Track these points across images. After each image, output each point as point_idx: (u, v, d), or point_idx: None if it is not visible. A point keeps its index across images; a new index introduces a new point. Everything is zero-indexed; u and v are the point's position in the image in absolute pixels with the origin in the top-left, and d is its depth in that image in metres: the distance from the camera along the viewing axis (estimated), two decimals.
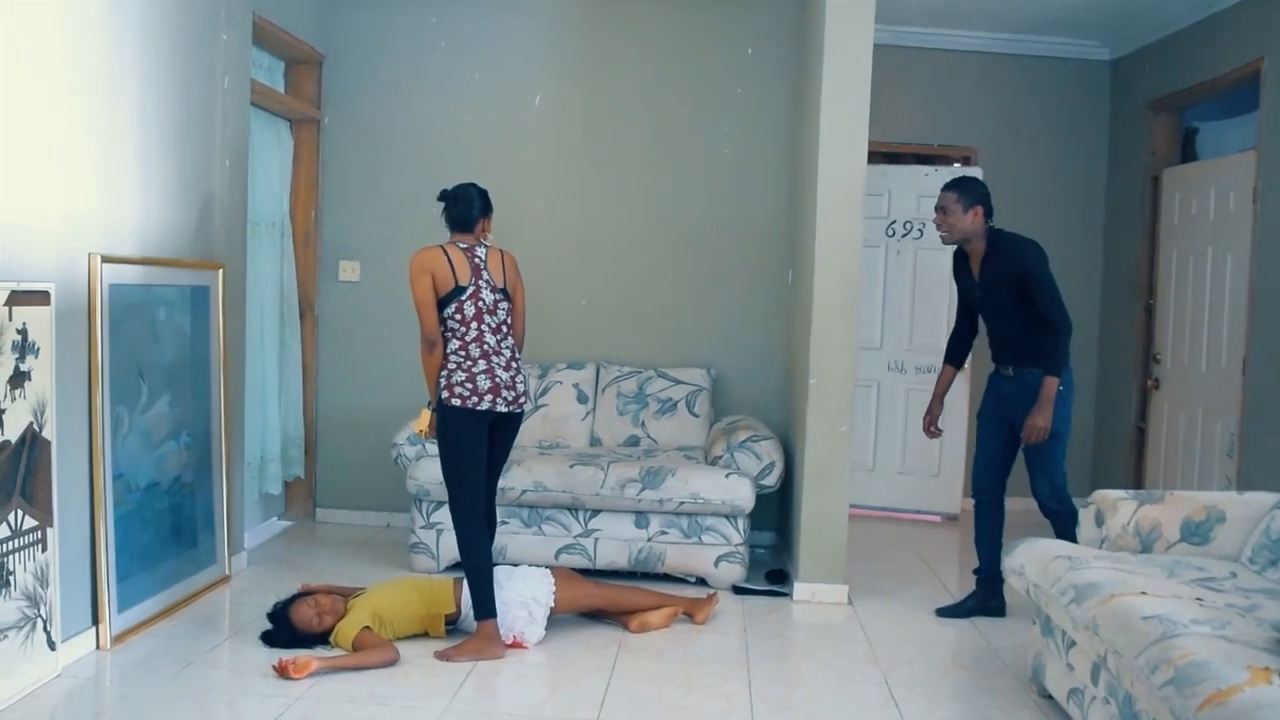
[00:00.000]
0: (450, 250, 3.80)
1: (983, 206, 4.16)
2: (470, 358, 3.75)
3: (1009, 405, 4.21)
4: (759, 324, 5.54)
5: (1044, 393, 4.01)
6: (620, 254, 5.60)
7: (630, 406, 5.30)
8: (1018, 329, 4.15)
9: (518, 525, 4.69)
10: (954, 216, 4.16)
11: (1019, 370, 4.17)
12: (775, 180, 5.48)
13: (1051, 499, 4.16)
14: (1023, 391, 4.13)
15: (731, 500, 4.55)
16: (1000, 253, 4.15)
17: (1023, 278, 4.07)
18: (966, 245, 4.25)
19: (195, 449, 4.34)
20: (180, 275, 4.22)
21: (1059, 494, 4.15)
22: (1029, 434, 4.03)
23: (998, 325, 4.27)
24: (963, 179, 4.23)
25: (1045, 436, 4.03)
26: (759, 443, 4.73)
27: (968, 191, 4.15)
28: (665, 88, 5.56)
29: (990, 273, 4.18)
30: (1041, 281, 4.06)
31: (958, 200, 4.15)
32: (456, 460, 3.75)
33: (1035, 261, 4.09)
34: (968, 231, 4.17)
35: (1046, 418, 4.01)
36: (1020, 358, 4.17)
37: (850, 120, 4.41)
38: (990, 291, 4.20)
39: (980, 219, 4.16)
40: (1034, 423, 4.02)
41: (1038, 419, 4.01)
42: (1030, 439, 4.04)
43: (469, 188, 3.92)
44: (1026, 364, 4.13)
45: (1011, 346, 4.21)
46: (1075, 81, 6.47)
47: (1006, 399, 4.23)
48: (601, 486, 4.59)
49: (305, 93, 5.55)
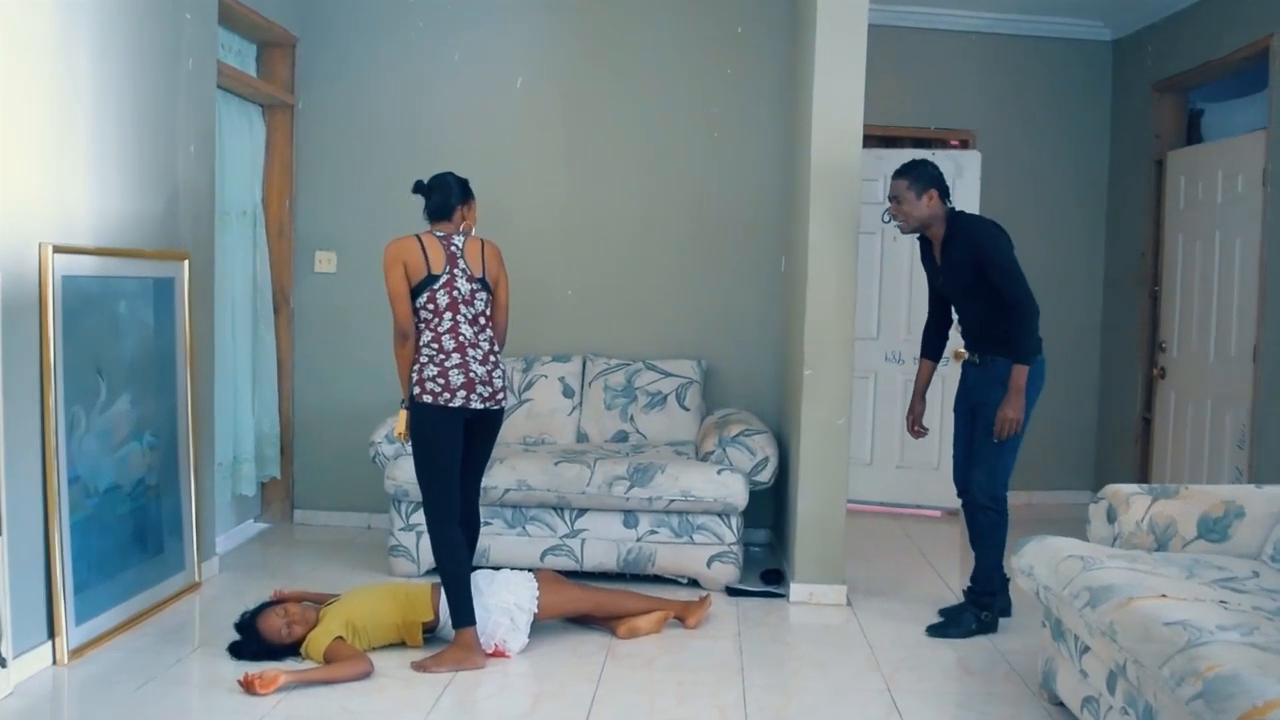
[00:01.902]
0: (425, 239, 3.60)
1: (937, 189, 3.93)
2: (443, 350, 3.54)
3: (973, 393, 4.03)
4: (752, 313, 5.34)
5: (1013, 382, 3.80)
6: (607, 242, 5.40)
7: (618, 400, 5.11)
8: (982, 314, 3.96)
9: (501, 526, 4.49)
10: (908, 204, 3.94)
11: (984, 358, 3.97)
12: (768, 164, 5.28)
13: (984, 494, 3.93)
14: (986, 379, 3.94)
15: (724, 498, 4.35)
16: (959, 236, 3.94)
17: (980, 261, 3.86)
18: (927, 232, 4.03)
19: (160, 449, 4.13)
20: (142, 266, 4.01)
21: (994, 492, 3.93)
22: (1000, 427, 3.82)
23: (964, 311, 4.09)
24: (912, 163, 4.00)
25: (1018, 429, 3.83)
26: (752, 437, 4.54)
27: (919, 176, 3.92)
28: (652, 69, 5.36)
29: (951, 257, 3.98)
30: (999, 264, 3.84)
31: (909, 186, 3.92)
32: (430, 460, 3.56)
33: (993, 243, 3.88)
34: (925, 217, 3.95)
35: (1018, 409, 3.80)
36: (985, 344, 3.98)
37: (844, 101, 4.21)
38: (953, 276, 4.00)
39: (936, 202, 3.94)
40: (1004, 414, 3.81)
41: (1008, 410, 3.80)
42: (1002, 432, 3.83)
43: (446, 176, 3.73)
44: (991, 351, 3.94)
45: (977, 333, 4.02)
46: (1076, 62, 6.28)
47: (972, 387, 4.06)
48: (588, 484, 4.39)
49: (278, 76, 5.33)
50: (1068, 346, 6.31)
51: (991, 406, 3.87)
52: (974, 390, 4.02)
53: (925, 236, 4.08)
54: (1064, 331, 6.27)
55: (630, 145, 5.38)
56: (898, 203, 3.96)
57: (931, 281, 4.19)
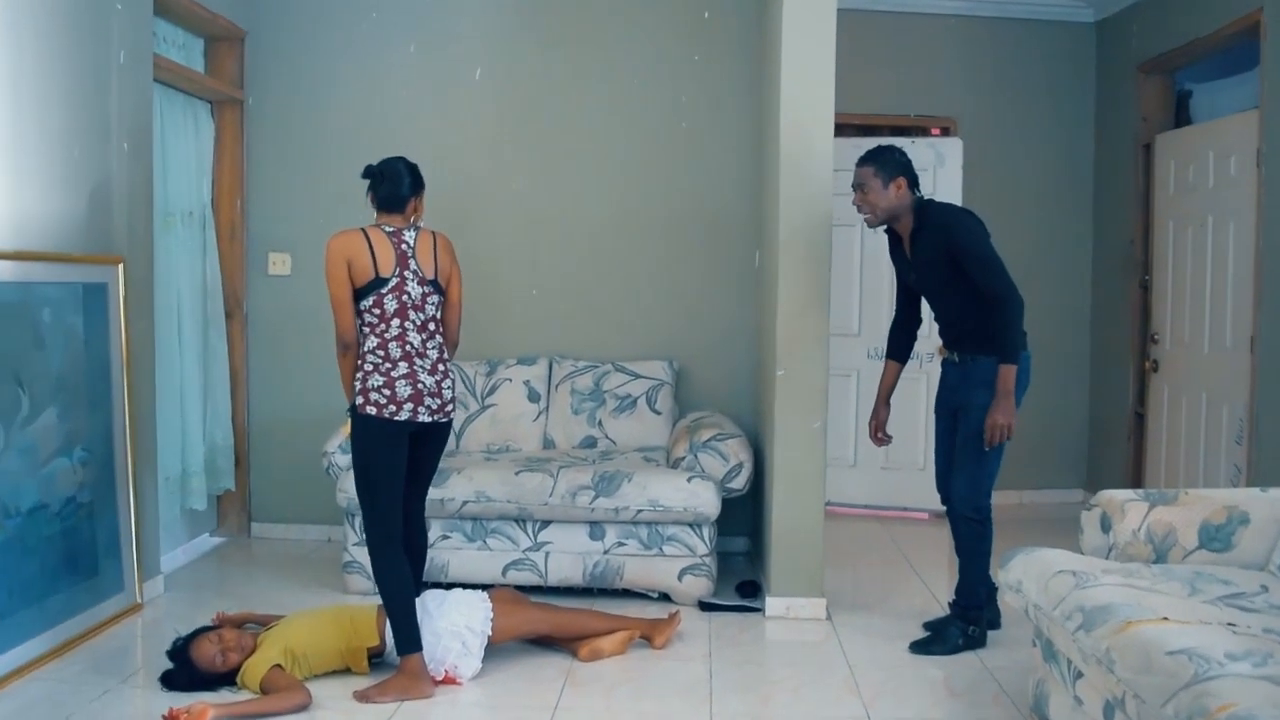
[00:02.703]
0: (373, 234, 3.35)
1: (905, 177, 3.64)
2: (390, 359, 3.30)
3: (953, 395, 3.78)
4: (725, 311, 5.10)
5: (1001, 385, 3.51)
6: (572, 238, 5.15)
7: (586, 404, 4.86)
8: (959, 311, 3.70)
9: (460, 539, 4.25)
10: (874, 193, 3.66)
11: (964, 356, 3.72)
12: (739, 154, 5.04)
13: (966, 504, 3.67)
14: (967, 379, 3.69)
15: (694, 507, 4.11)
16: (930, 226, 3.66)
17: (953, 253, 3.59)
18: (895, 223, 3.77)
19: (93, 465, 3.87)
20: (69, 271, 3.76)
21: (978, 501, 3.67)
22: (990, 434, 3.54)
23: (939, 307, 3.82)
24: (878, 149, 3.70)
25: (1010, 435, 3.55)
26: (725, 442, 4.30)
27: (886, 163, 3.64)
28: (617, 57, 5.11)
29: (922, 250, 3.70)
30: (976, 254, 3.56)
31: (875, 174, 3.65)
32: (372, 476, 3.31)
33: (967, 232, 3.60)
34: (892, 207, 3.68)
35: (1008, 413, 3.51)
36: (964, 342, 3.72)
37: (813, 86, 3.96)
38: (925, 271, 3.73)
39: (904, 191, 3.65)
40: (994, 420, 3.52)
41: (998, 415, 3.51)
42: (993, 439, 3.55)
43: (396, 162, 3.47)
44: (971, 349, 3.68)
45: (955, 330, 3.76)
46: (1059, 45, 6.06)
47: (952, 387, 3.80)
48: (550, 495, 4.15)
49: (226, 72, 5.08)
50: (1056, 340, 6.10)
51: (976, 410, 3.63)
52: (956, 391, 3.78)
53: (894, 229, 3.82)
54: (1052, 324, 6.07)
55: (595, 137, 5.13)
56: (863, 191, 3.69)
57: (902, 277, 3.93)
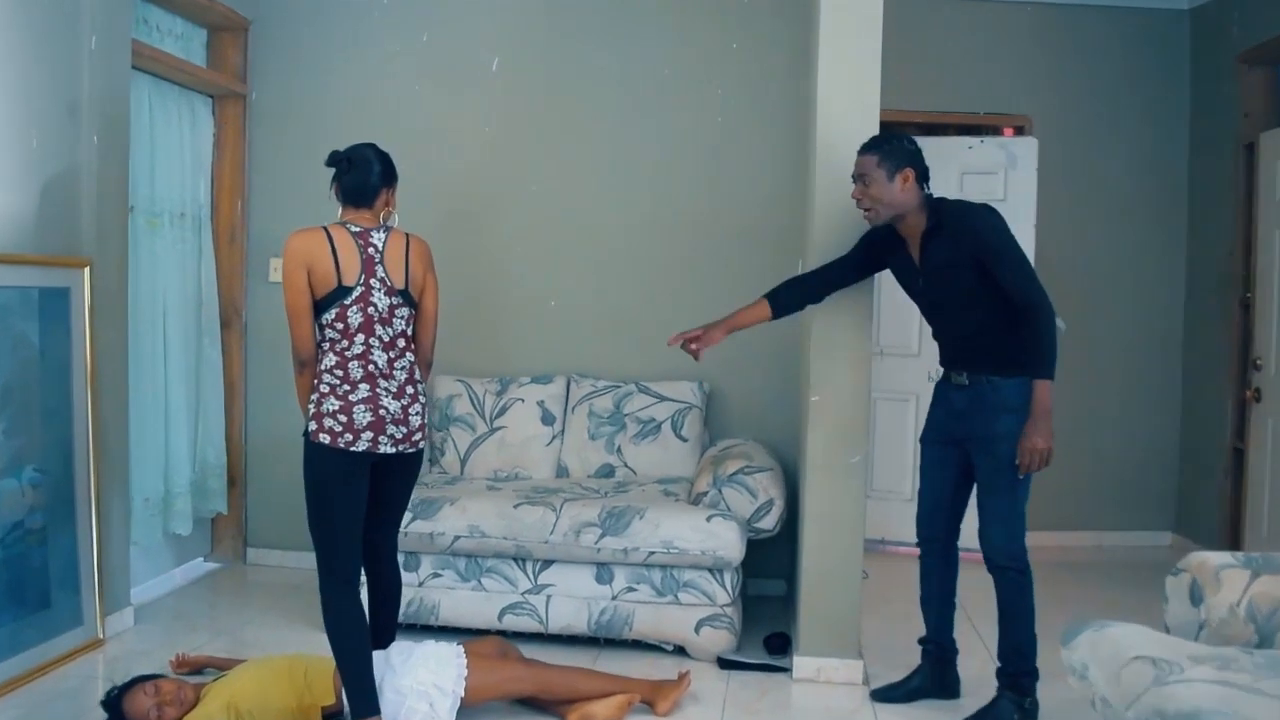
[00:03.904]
0: (337, 235, 2.93)
1: (913, 168, 3.11)
2: (349, 380, 2.86)
3: (961, 422, 3.21)
4: (763, 326, 4.54)
5: (1038, 404, 3.01)
6: (594, 245, 4.69)
7: (605, 429, 4.39)
8: (975, 325, 3.14)
9: (453, 578, 3.80)
10: (877, 186, 3.11)
11: (975, 377, 3.17)
12: (780, 152, 4.52)
13: (1003, 553, 3.12)
14: (979, 404, 3.14)
15: (714, 550, 3.61)
16: (947, 227, 3.11)
17: (980, 255, 3.05)
18: (900, 223, 3.21)
19: (47, 487, 3.52)
20: (22, 274, 3.42)
21: (1014, 548, 3.12)
22: (1027, 460, 3.01)
23: (950, 322, 3.26)
24: (884, 136, 3.18)
25: (1049, 461, 3.02)
26: (753, 475, 3.79)
27: (892, 151, 3.11)
28: (644, 46, 4.64)
29: (936, 254, 3.15)
30: (1009, 255, 3.04)
31: (879, 164, 3.10)
32: (323, 512, 2.88)
33: (997, 231, 3.07)
34: (898, 203, 3.13)
35: (1047, 436, 3.01)
36: (978, 361, 3.16)
37: (855, 78, 3.43)
38: (938, 279, 3.18)
39: (912, 185, 3.12)
40: (1031, 445, 3.00)
41: (1037, 438, 3.00)
42: (1031, 466, 3.03)
43: (365, 148, 3.07)
44: (986, 369, 3.13)
45: (967, 347, 3.20)
46: (1148, 34, 5.44)
47: (959, 414, 3.22)
48: (551, 532, 3.68)
49: (229, 64, 4.73)
50: (1142, 364, 5.50)
51: (1000, 440, 3.08)
52: (963, 418, 3.21)
53: (896, 230, 3.26)
54: (1138, 347, 5.49)
55: (621, 133, 4.67)
56: (864, 184, 3.15)
57: (908, 287, 3.34)
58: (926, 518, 3.37)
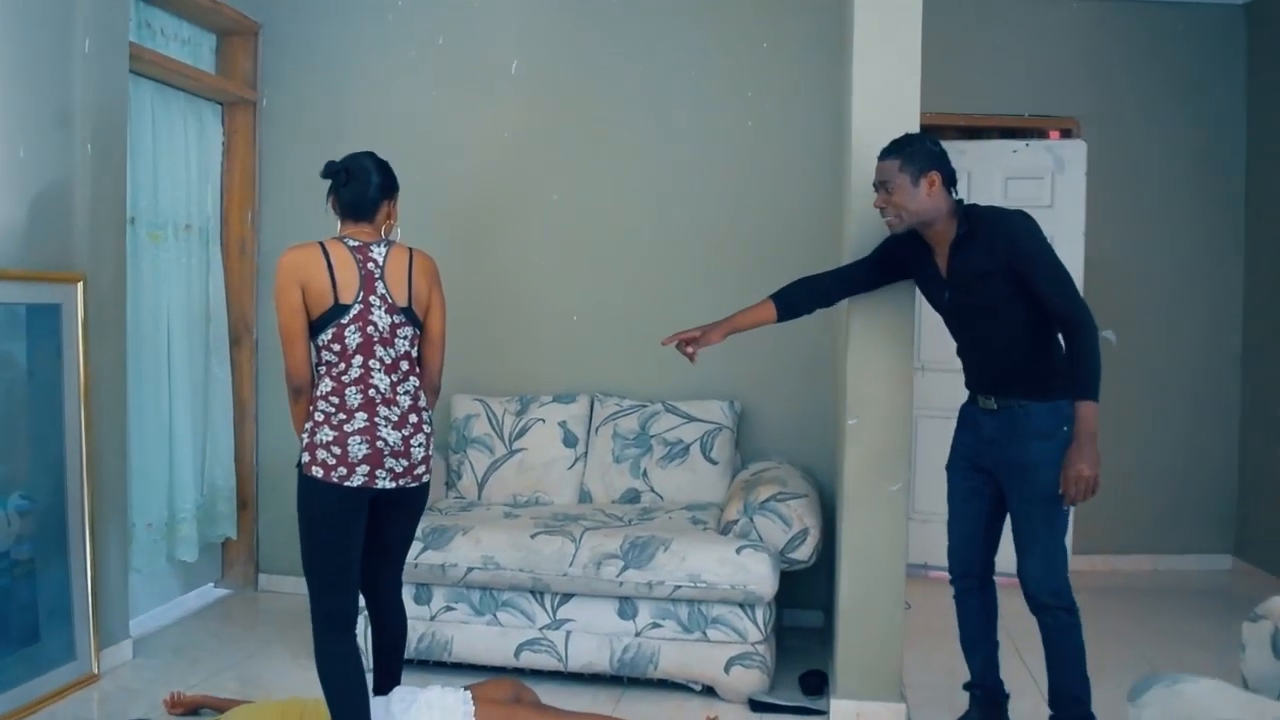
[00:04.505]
0: (334, 250, 2.72)
1: (939, 172, 2.85)
2: (345, 408, 2.64)
3: (991, 450, 2.94)
4: (798, 342, 4.31)
5: (1083, 427, 2.72)
6: (620, 256, 4.46)
7: (629, 451, 4.15)
8: (1007, 342, 2.87)
9: (466, 612, 3.57)
10: (901, 192, 2.85)
11: (1004, 401, 2.90)
12: (815, 158, 4.27)
13: (1046, 590, 2.85)
14: (1010, 430, 2.87)
15: (744, 584, 3.35)
16: (979, 235, 2.84)
17: (1015, 264, 2.77)
18: (926, 230, 2.94)
19: (35, 514, 3.33)
20: (5, 290, 3.23)
21: (1057, 584, 2.84)
22: (1073, 489, 2.73)
23: (978, 338, 2.98)
24: (905, 138, 2.91)
25: (1095, 490, 2.74)
26: (787, 503, 3.54)
27: (915, 154, 2.85)
28: (672, 46, 4.41)
29: (966, 264, 2.87)
30: (1048, 265, 2.76)
31: (902, 168, 2.84)
32: (316, 550, 2.66)
33: (1035, 239, 2.79)
34: (925, 210, 2.86)
35: (1093, 462, 2.72)
36: (1009, 384, 2.89)
37: (893, 79, 3.18)
38: (967, 290, 2.90)
39: (939, 189, 2.86)
40: (1078, 472, 2.72)
41: (1083, 464, 2.71)
42: (1075, 495, 2.74)
43: (363, 158, 2.85)
44: (1017, 393, 2.87)
45: (999, 368, 2.93)
46: (1201, 31, 5.15)
47: (988, 441, 2.95)
48: (570, 564, 3.44)
49: (238, 70, 4.55)
50: (1198, 377, 5.20)
51: (1039, 469, 2.81)
52: (994, 445, 2.93)
53: (922, 238, 2.99)
54: (1193, 359, 5.19)
55: (648, 139, 4.44)
56: (887, 191, 2.89)
57: (934, 299, 3.06)
58: (960, 554, 3.09)
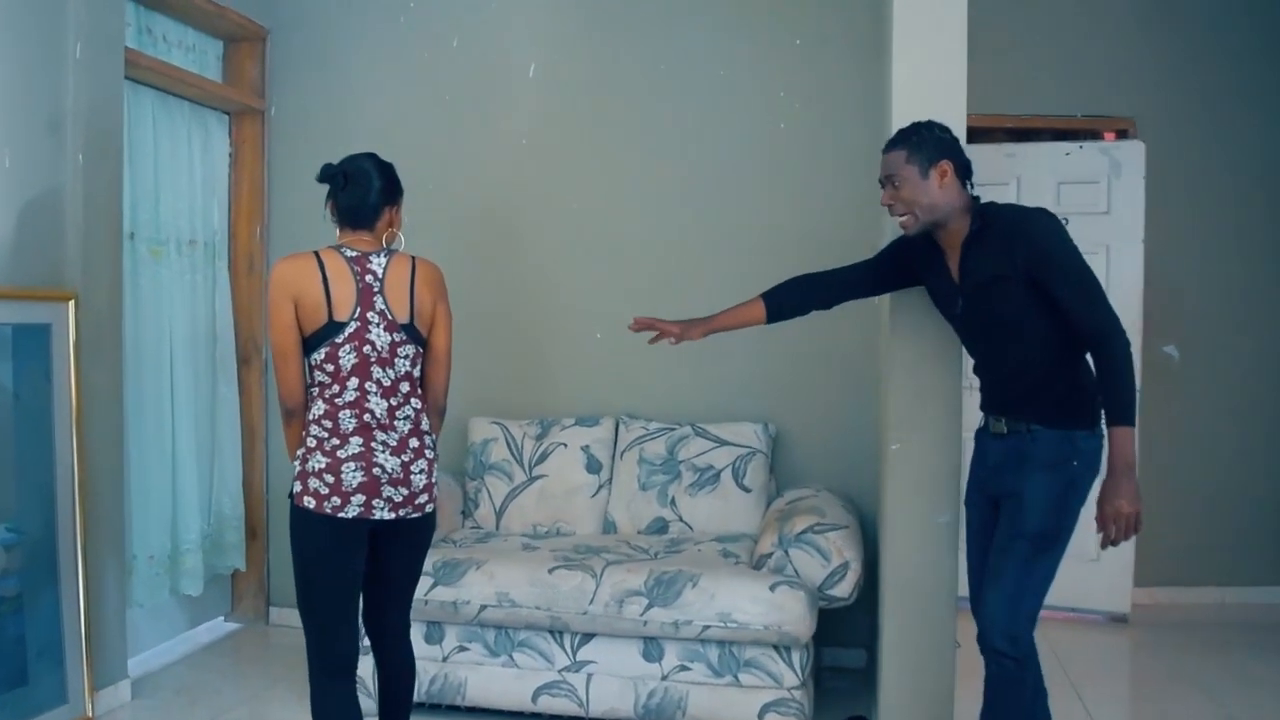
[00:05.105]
0: (329, 261, 2.49)
1: (951, 161, 2.54)
2: (339, 432, 2.41)
3: (995, 478, 2.60)
4: (838, 359, 4.05)
5: (1119, 457, 2.32)
6: (645, 268, 4.20)
7: (657, 477, 3.89)
8: (1022, 360, 2.53)
9: (481, 652, 3.32)
10: (909, 186, 2.54)
11: (1015, 425, 2.55)
12: (853, 161, 3.96)
13: (1000, 632, 2.46)
14: (1016, 458, 2.53)
15: (779, 624, 3.08)
16: (993, 234, 2.50)
17: (1034, 269, 2.43)
18: (939, 231, 2.60)
19: (24, 547, 3.13)
20: None
21: (1015, 628, 2.46)
22: (1113, 527, 2.32)
23: (993, 355, 2.64)
24: (912, 127, 2.59)
25: (1138, 528, 2.33)
26: (825, 535, 3.26)
27: (923, 143, 2.54)
28: (698, 44, 4.17)
29: (979, 267, 2.54)
30: (1073, 270, 2.42)
31: (909, 159, 2.53)
32: (310, 590, 2.42)
33: (1058, 239, 2.44)
34: (937, 205, 2.54)
35: (1133, 497, 2.31)
36: (1021, 405, 2.54)
37: (937, 76, 2.89)
38: (980, 298, 2.56)
39: (951, 181, 2.54)
40: (1116, 508, 2.31)
41: (1121, 501, 2.30)
42: (1115, 535, 2.33)
43: (363, 160, 2.62)
44: (1032, 416, 2.52)
45: (1010, 388, 2.59)
46: (1268, 23, 4.80)
47: (992, 469, 2.62)
48: (591, 601, 3.18)
49: (246, 77, 4.36)
50: (1266, 395, 4.88)
51: (1021, 499, 2.48)
52: (997, 474, 2.59)
53: (933, 239, 2.66)
54: (1261, 376, 4.89)
55: (673, 144, 4.19)
56: (894, 185, 2.58)
57: (946, 310, 2.74)
58: (977, 591, 2.70)
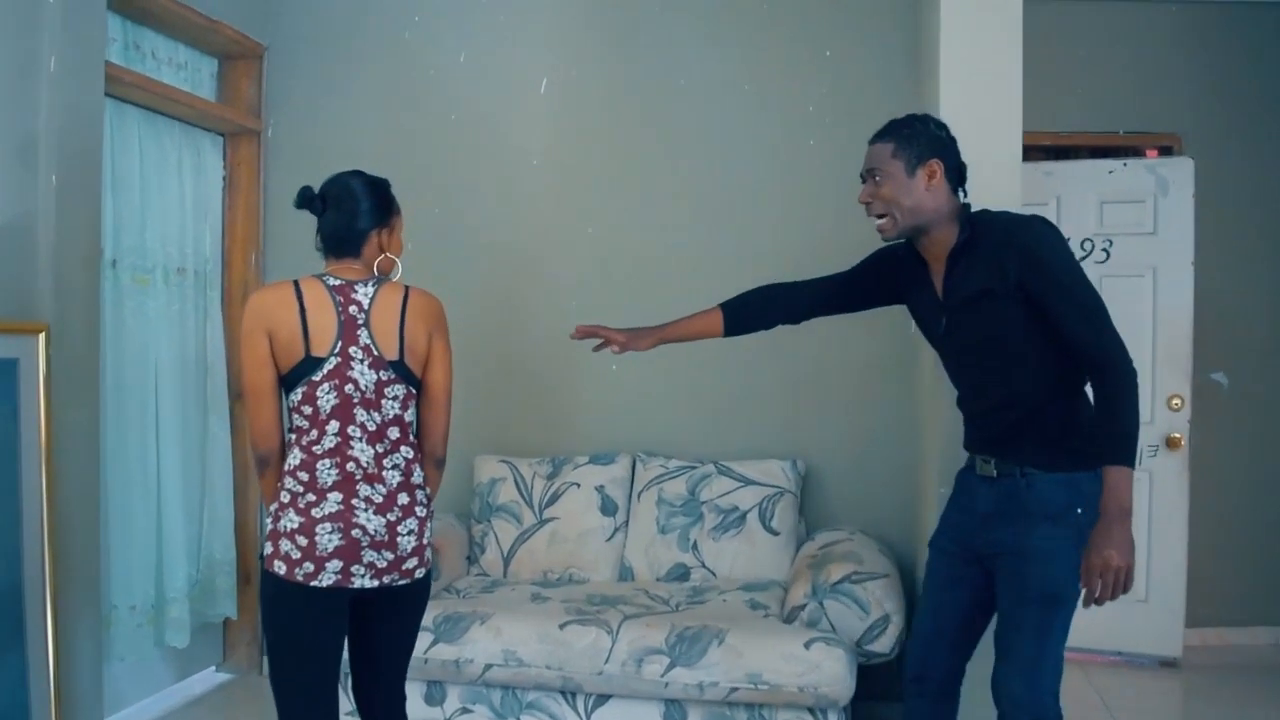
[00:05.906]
0: (309, 290, 2.23)
1: (942, 161, 2.26)
2: (315, 487, 2.14)
3: (985, 531, 2.29)
4: (873, 394, 3.77)
5: (1112, 499, 2.05)
6: (664, 297, 3.87)
7: (677, 520, 3.60)
8: (1013, 388, 2.24)
9: (486, 714, 3.04)
10: (891, 183, 2.25)
11: (1006, 467, 2.25)
12: None
13: (1020, 707, 2.19)
14: (1008, 507, 2.23)
15: (815, 686, 2.78)
16: (982, 244, 2.22)
17: (1029, 285, 2.14)
18: (923, 239, 2.32)
19: None
20: None
21: (1040, 704, 2.18)
22: (1096, 582, 2.05)
23: (980, 380, 2.33)
24: (905, 118, 2.31)
25: (1128, 586, 2.06)
26: (864, 584, 2.97)
27: (913, 137, 2.25)
28: (721, 56, 3.93)
29: (965, 281, 2.25)
30: (1071, 285, 2.13)
31: (895, 153, 2.25)
32: (281, 667, 2.14)
33: (1052, 248, 2.15)
34: (921, 208, 2.25)
35: (1125, 549, 2.04)
36: (1012, 445, 2.25)
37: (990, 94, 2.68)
38: (966, 316, 2.27)
39: (940, 183, 2.25)
40: (1104, 560, 2.04)
41: (1110, 551, 2.04)
42: (1104, 593, 2.06)
43: (348, 178, 2.37)
44: (1021, 457, 2.22)
45: (999, 423, 2.28)
46: None
47: (981, 519, 2.30)
48: (607, 660, 2.89)
49: (242, 96, 4.13)
50: None
51: (1028, 559, 2.17)
52: (987, 526, 2.27)
53: (915, 249, 2.38)
54: None
55: (695, 163, 3.94)
56: (875, 182, 2.30)
57: (929, 331, 2.45)
58: (921, 649, 2.42)
